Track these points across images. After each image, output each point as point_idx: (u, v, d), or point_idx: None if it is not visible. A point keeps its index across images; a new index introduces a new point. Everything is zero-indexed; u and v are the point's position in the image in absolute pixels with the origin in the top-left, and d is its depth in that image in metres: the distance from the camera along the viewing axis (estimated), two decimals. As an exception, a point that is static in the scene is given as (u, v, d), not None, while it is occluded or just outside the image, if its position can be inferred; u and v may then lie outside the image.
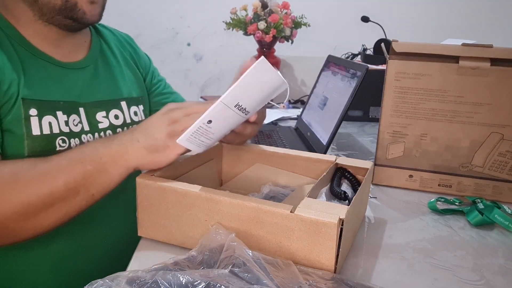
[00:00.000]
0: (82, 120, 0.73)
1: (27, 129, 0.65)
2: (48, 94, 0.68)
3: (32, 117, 0.66)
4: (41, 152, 0.66)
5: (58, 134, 0.68)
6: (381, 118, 0.83)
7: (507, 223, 0.68)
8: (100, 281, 0.40)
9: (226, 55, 1.95)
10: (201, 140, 0.55)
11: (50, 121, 0.68)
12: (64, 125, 0.69)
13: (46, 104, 0.68)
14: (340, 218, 0.49)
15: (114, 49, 0.85)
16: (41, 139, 0.66)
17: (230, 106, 0.54)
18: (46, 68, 0.70)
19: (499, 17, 1.83)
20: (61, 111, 0.69)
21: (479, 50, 0.76)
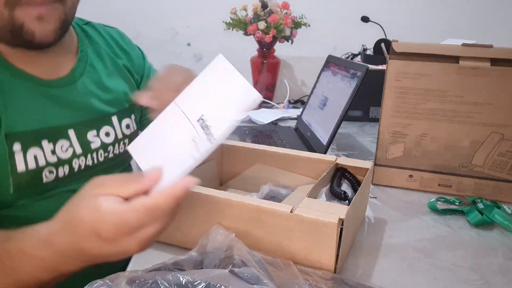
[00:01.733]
0: (73, 143, 0.67)
1: (12, 166, 0.60)
2: (33, 122, 0.62)
3: (16, 153, 0.60)
4: (27, 187, 0.62)
5: (45, 166, 0.63)
6: (381, 118, 0.83)
7: (507, 223, 0.68)
8: (100, 281, 0.40)
9: (226, 55, 1.95)
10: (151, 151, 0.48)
11: (35, 154, 0.62)
12: (50, 155, 0.64)
13: (30, 135, 0.62)
14: (340, 218, 0.49)
15: (103, 55, 0.78)
16: (27, 174, 0.61)
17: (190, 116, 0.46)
18: (29, 89, 0.63)
19: (499, 17, 1.83)
20: (46, 139, 0.64)
21: (479, 50, 0.76)
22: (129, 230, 0.42)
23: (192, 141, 0.46)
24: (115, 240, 0.42)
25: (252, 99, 0.45)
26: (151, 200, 0.42)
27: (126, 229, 0.42)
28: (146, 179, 0.43)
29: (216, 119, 0.46)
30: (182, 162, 0.45)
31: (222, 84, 0.47)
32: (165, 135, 0.48)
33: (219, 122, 0.46)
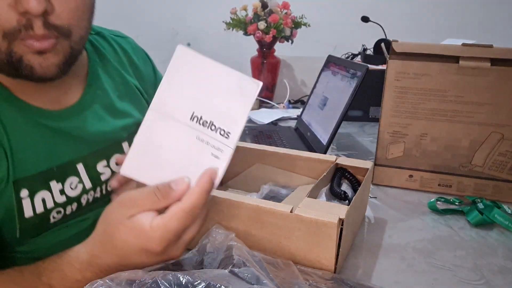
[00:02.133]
0: (83, 179, 0.63)
1: (19, 212, 0.57)
2: (40, 163, 0.58)
3: (24, 199, 0.57)
4: (34, 229, 0.59)
5: (53, 207, 0.60)
6: (381, 118, 0.83)
7: (507, 223, 0.68)
8: (100, 281, 0.40)
9: (226, 55, 1.95)
10: (150, 165, 0.46)
11: (43, 197, 0.59)
12: (59, 196, 0.61)
13: (38, 178, 0.58)
14: (340, 218, 0.49)
15: (114, 75, 0.72)
16: (34, 218, 0.58)
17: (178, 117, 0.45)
18: (36, 125, 0.58)
19: (499, 17, 1.83)
20: (55, 179, 0.60)
21: (479, 50, 0.76)
22: (175, 237, 0.44)
23: (198, 140, 0.45)
24: (165, 251, 0.44)
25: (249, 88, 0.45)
26: (187, 203, 0.43)
27: (173, 238, 0.43)
28: (178, 192, 0.44)
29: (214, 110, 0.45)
30: (200, 163, 0.45)
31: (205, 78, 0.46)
32: (160, 144, 0.45)
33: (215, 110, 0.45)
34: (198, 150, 0.45)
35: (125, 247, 0.44)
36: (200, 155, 0.45)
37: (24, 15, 0.49)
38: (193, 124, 0.45)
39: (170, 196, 0.44)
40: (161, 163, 0.46)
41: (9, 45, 0.51)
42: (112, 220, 0.45)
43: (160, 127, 0.45)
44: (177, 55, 0.45)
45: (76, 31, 0.55)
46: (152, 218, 0.43)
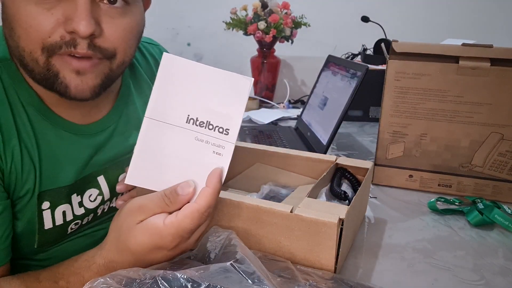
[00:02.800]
0: (103, 190, 0.64)
1: (39, 224, 0.58)
2: (65, 177, 0.58)
3: (45, 211, 0.57)
4: (52, 240, 0.61)
5: (72, 220, 0.61)
6: (381, 118, 0.83)
7: (507, 223, 0.68)
8: (101, 279, 0.40)
9: (226, 55, 1.95)
10: (154, 171, 0.47)
11: (64, 210, 0.59)
12: (78, 208, 0.61)
13: (61, 192, 0.58)
14: (340, 218, 0.49)
15: (144, 87, 0.71)
16: (53, 230, 0.59)
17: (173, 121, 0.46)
18: (64, 138, 0.58)
19: (499, 17, 1.83)
20: (75, 192, 0.60)
21: (479, 50, 0.76)
22: (188, 234, 0.46)
23: (197, 140, 0.46)
24: (177, 246, 0.46)
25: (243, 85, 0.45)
26: (202, 204, 0.44)
27: (186, 235, 0.45)
28: (186, 197, 0.45)
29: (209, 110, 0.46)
30: (203, 162, 0.46)
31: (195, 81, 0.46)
32: (160, 151, 0.46)
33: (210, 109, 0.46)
34: (199, 150, 0.46)
35: (140, 248, 0.46)
36: (202, 154, 0.46)
37: (70, 33, 0.49)
38: (190, 126, 0.46)
39: (177, 201, 0.45)
40: (164, 168, 0.47)
41: (48, 58, 0.50)
42: (124, 228, 0.46)
43: (157, 133, 0.46)
44: (164, 63, 0.46)
45: (120, 55, 0.54)
46: (165, 217, 0.45)
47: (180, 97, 0.46)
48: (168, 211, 0.45)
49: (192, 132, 0.46)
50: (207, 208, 0.45)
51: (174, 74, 0.46)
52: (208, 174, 0.46)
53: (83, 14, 0.48)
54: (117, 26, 0.52)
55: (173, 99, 0.46)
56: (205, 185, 0.45)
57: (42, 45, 0.49)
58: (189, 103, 0.46)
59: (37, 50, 0.49)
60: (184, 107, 0.46)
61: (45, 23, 0.48)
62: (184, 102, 0.46)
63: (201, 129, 0.46)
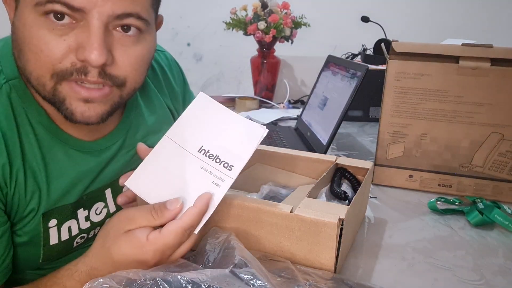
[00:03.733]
0: (108, 203, 0.64)
1: (45, 240, 0.57)
2: (72, 194, 0.58)
3: (51, 228, 0.57)
4: (57, 254, 0.60)
5: (78, 234, 0.61)
6: (381, 118, 0.83)
7: (507, 223, 0.68)
8: (101, 279, 0.40)
9: (226, 55, 1.95)
10: (153, 184, 0.50)
11: (70, 226, 0.59)
12: (84, 222, 0.61)
13: (68, 209, 0.58)
14: (340, 218, 0.49)
15: (153, 98, 0.70)
16: (59, 245, 0.59)
17: (187, 147, 0.50)
18: (71, 155, 0.57)
19: (499, 17, 1.83)
20: (82, 207, 0.60)
21: (479, 50, 0.76)
22: (171, 251, 0.47)
23: (202, 169, 0.50)
24: (158, 263, 0.47)
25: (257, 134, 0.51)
26: (186, 221, 0.46)
27: (167, 251, 0.47)
28: (172, 212, 0.47)
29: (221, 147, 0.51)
30: (201, 189, 0.49)
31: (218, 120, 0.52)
32: (166, 168, 0.50)
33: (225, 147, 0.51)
34: (200, 177, 0.50)
35: (122, 259, 0.47)
36: (202, 182, 0.49)
37: (81, 61, 0.48)
38: (200, 155, 0.50)
39: (164, 215, 0.47)
40: (164, 184, 0.50)
41: (56, 85, 0.49)
42: (110, 235, 0.48)
43: (170, 152, 0.51)
44: (198, 99, 0.53)
45: (130, 83, 0.53)
46: (149, 232, 0.46)
47: (200, 129, 0.52)
48: (154, 225, 0.47)
49: (200, 161, 0.50)
50: (190, 227, 0.46)
51: (203, 110, 0.53)
52: None
53: (96, 43, 0.47)
54: (129, 55, 0.51)
55: (194, 129, 0.52)
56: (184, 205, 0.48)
57: (52, 71, 0.48)
58: (206, 136, 0.51)
59: (46, 75, 0.48)
60: (200, 138, 0.51)
61: (57, 49, 0.47)
62: (202, 134, 0.51)
63: (208, 160, 0.50)
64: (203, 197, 0.48)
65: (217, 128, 0.52)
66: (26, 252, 0.57)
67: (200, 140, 0.51)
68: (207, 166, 0.50)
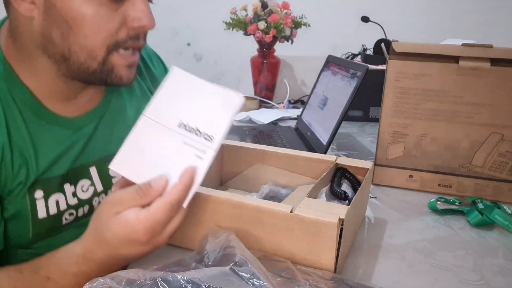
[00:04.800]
0: (95, 182, 0.67)
1: (33, 213, 0.60)
2: (58, 168, 0.62)
3: (38, 200, 0.60)
4: (46, 231, 0.62)
5: (66, 209, 0.63)
6: (381, 118, 0.83)
7: (507, 223, 0.68)
8: (101, 279, 0.40)
9: (226, 55, 1.95)
10: (138, 164, 0.51)
11: (57, 199, 0.62)
12: (71, 198, 0.64)
13: (54, 181, 0.61)
14: (340, 218, 0.49)
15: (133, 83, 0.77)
16: (47, 220, 0.61)
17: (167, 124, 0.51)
18: (57, 133, 0.62)
19: (499, 17, 1.83)
20: (68, 182, 0.63)
21: (479, 50, 0.76)
22: (161, 227, 0.49)
23: (184, 143, 0.50)
24: (150, 240, 0.49)
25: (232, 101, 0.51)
26: (172, 196, 0.48)
27: (158, 228, 0.48)
28: (157, 189, 0.49)
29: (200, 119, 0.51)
30: (184, 163, 0.50)
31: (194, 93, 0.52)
32: (149, 146, 0.51)
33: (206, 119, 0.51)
34: (183, 152, 0.50)
35: (115, 240, 0.49)
36: (185, 156, 0.50)
37: (133, 29, 0.57)
38: (180, 130, 0.51)
39: (150, 193, 0.48)
40: (148, 163, 0.51)
41: (107, 55, 0.57)
42: (102, 219, 0.50)
43: (150, 131, 0.51)
44: (171, 75, 0.53)
45: None
46: (138, 211, 0.48)
47: (177, 104, 0.52)
48: (141, 204, 0.49)
49: (181, 135, 0.51)
50: (177, 201, 0.48)
51: (178, 85, 0.53)
52: None
53: (147, 11, 0.57)
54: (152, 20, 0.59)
55: (171, 104, 0.52)
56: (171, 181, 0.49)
57: (109, 41, 0.56)
58: (184, 111, 0.51)
59: (103, 47, 0.56)
60: (178, 113, 0.51)
61: (115, 22, 0.56)
62: (180, 109, 0.51)
63: (189, 134, 0.51)
64: (187, 172, 0.49)
65: (194, 101, 0.52)
66: (16, 227, 0.59)
67: (179, 115, 0.51)
68: (188, 140, 0.50)
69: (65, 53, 0.56)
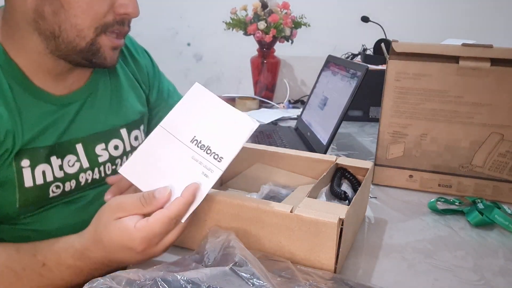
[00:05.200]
0: (80, 158, 0.69)
1: (19, 182, 0.61)
2: (44, 140, 0.64)
3: (24, 169, 0.62)
4: (34, 201, 0.63)
5: (52, 181, 0.65)
6: (381, 118, 0.83)
7: (507, 223, 0.68)
8: (101, 279, 0.40)
9: (226, 55, 1.95)
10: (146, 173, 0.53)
11: (43, 170, 0.64)
12: (58, 171, 0.66)
13: (40, 152, 0.63)
14: (340, 218, 0.49)
15: (117, 68, 0.79)
16: (34, 190, 0.63)
17: (180, 137, 0.53)
18: (43, 108, 0.64)
19: (499, 17, 1.83)
20: (55, 155, 0.65)
21: (479, 50, 0.76)
22: (157, 240, 0.50)
23: (193, 159, 0.52)
24: (145, 250, 0.50)
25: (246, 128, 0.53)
26: (172, 210, 0.49)
27: (155, 239, 0.49)
28: (160, 200, 0.50)
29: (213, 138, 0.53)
30: (190, 179, 0.51)
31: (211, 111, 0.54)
32: (160, 157, 0.53)
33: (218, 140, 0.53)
34: (191, 167, 0.52)
35: (111, 244, 0.50)
36: (192, 172, 0.51)
37: (120, 15, 0.62)
38: (192, 145, 0.52)
39: (153, 203, 0.50)
40: (156, 173, 0.52)
41: (96, 36, 0.62)
42: (102, 221, 0.51)
43: (163, 142, 0.53)
44: (193, 90, 0.55)
45: None
46: (137, 220, 0.49)
47: (193, 120, 0.54)
48: (143, 213, 0.50)
49: (192, 151, 0.52)
50: (176, 216, 0.49)
51: (197, 101, 0.55)
52: None
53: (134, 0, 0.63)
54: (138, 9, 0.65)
55: (187, 119, 0.54)
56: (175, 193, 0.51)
57: (97, 24, 0.61)
58: (199, 127, 0.53)
59: (91, 28, 0.61)
60: (193, 128, 0.53)
61: (104, 6, 0.60)
62: (195, 125, 0.53)
63: (200, 151, 0.52)
64: (190, 188, 0.50)
65: (210, 119, 0.53)
66: (3, 196, 0.61)
67: (193, 131, 0.53)
68: (198, 157, 0.52)
69: (55, 30, 0.60)
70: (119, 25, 0.64)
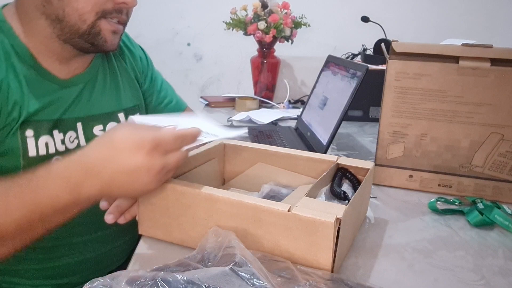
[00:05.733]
0: (79, 136, 0.74)
1: (24, 150, 0.66)
2: (47, 115, 0.69)
3: (29, 138, 0.66)
4: None
5: (54, 153, 0.69)
6: (381, 118, 0.83)
7: (507, 223, 0.68)
8: (101, 279, 0.40)
9: (226, 55, 1.95)
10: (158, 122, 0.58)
11: (46, 141, 0.68)
12: (60, 144, 0.70)
13: (44, 124, 0.68)
14: (338, 218, 0.49)
15: (112, 58, 0.84)
16: (37, 160, 0.67)
17: None
18: (49, 86, 0.70)
19: (499, 17, 1.83)
20: (57, 129, 0.70)
21: (479, 50, 0.76)
22: (163, 149, 0.50)
23: None
24: (149, 153, 0.49)
25: None
26: (181, 131, 0.52)
27: (162, 146, 0.50)
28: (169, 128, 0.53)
29: None
30: None
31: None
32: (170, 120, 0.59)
33: None
34: None
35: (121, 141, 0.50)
36: None
37: (118, 4, 0.69)
38: None
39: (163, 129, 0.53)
40: None
41: (96, 20, 0.68)
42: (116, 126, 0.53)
43: None
44: None
45: None
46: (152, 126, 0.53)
47: None
48: None
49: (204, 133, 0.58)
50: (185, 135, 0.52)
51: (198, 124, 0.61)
52: None
53: None
54: None
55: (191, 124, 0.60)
56: None
57: (98, 9, 0.67)
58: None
59: (92, 12, 0.67)
60: None
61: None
62: None
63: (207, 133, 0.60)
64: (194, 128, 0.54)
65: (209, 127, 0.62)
66: (7, 163, 0.65)
67: None
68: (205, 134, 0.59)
69: (59, 14, 0.66)
70: (118, 13, 0.70)
